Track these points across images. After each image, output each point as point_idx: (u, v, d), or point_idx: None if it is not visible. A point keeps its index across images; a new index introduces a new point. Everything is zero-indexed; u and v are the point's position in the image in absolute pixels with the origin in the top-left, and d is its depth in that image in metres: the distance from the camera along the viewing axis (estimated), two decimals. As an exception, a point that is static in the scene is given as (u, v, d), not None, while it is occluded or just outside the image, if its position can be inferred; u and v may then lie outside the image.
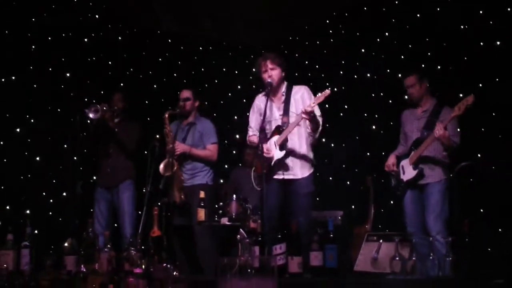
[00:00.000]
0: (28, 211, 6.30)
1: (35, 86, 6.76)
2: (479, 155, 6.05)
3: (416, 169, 5.16)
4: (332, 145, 7.36)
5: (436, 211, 5.04)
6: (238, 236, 4.70)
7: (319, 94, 4.79)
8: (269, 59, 5.06)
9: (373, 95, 7.19)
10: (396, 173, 5.35)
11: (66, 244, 4.04)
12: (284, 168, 4.98)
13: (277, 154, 4.94)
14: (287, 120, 4.99)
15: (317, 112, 4.94)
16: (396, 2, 7.12)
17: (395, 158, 5.42)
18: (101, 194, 6.05)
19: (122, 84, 7.17)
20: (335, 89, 7.49)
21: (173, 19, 7.63)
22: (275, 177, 4.97)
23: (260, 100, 5.24)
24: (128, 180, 6.04)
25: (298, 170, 5.00)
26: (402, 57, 6.93)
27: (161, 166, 5.53)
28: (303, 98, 5.07)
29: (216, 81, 7.95)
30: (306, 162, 5.03)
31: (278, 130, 4.99)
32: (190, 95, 5.85)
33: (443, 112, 5.14)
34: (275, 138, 4.97)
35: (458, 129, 5.14)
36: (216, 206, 5.43)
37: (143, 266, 3.57)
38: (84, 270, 3.64)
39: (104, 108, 5.81)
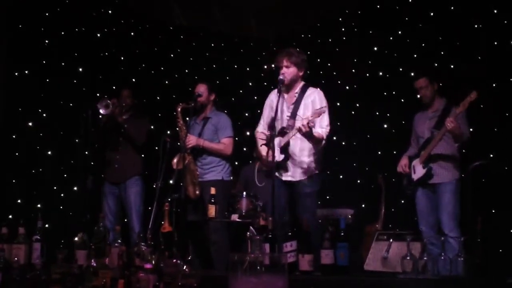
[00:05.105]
0: (39, 205, 6.32)
1: (47, 80, 6.78)
2: (491, 155, 6.02)
3: (426, 168, 5.16)
4: (343, 143, 7.34)
5: (449, 209, 5.05)
6: (248, 233, 4.68)
7: None
8: (286, 56, 4.87)
9: (385, 93, 7.17)
10: (408, 173, 5.35)
11: (77, 238, 4.04)
12: (283, 170, 4.89)
13: (278, 156, 4.81)
14: (293, 123, 4.81)
15: (325, 122, 4.78)
16: (410, 0, 7.08)
17: (407, 159, 5.43)
18: (109, 189, 6.06)
19: (134, 80, 7.17)
20: (347, 87, 7.47)
21: (185, 12, 7.62)
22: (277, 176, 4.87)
23: (273, 96, 5.04)
24: (136, 176, 6.04)
25: (297, 173, 4.87)
26: (415, 55, 6.90)
27: (174, 160, 5.49)
28: (313, 104, 4.85)
29: (227, 77, 7.93)
30: (306, 166, 4.86)
31: (282, 132, 4.86)
32: (203, 90, 5.70)
33: (452, 112, 5.13)
34: (277, 140, 4.81)
35: (467, 124, 5.17)
36: (227, 202, 5.39)
37: (154, 262, 3.57)
38: (95, 264, 3.63)
39: (114, 103, 5.82)
